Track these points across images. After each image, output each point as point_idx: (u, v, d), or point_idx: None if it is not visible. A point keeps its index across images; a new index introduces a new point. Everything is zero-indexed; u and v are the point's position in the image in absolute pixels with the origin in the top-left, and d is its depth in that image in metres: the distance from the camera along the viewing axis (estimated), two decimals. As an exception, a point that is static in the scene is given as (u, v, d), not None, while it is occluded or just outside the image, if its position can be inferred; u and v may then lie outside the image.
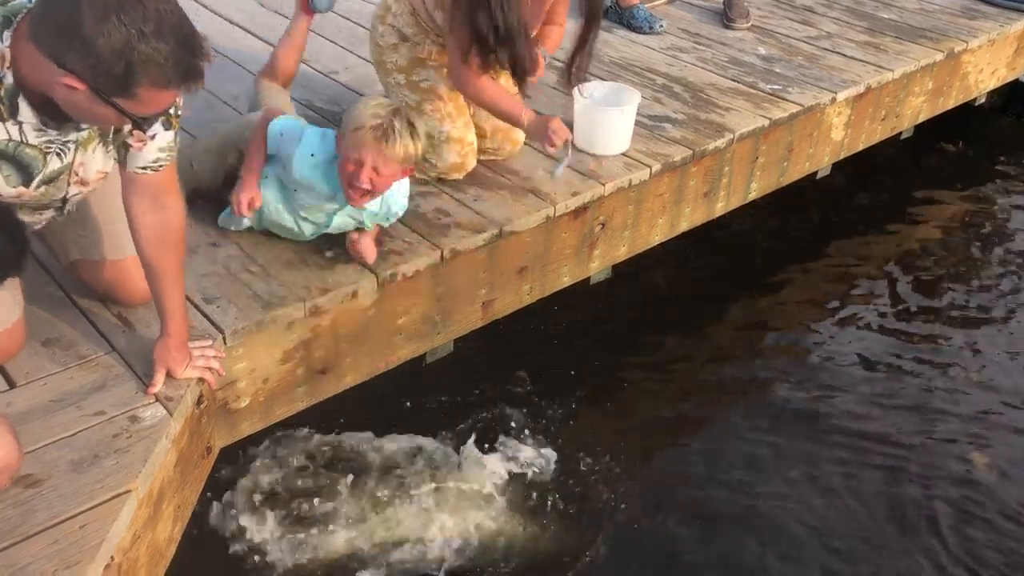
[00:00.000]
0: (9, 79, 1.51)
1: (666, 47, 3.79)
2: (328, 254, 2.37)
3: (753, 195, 3.38)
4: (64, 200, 1.84)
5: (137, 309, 2.10)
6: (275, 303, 2.17)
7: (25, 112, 1.56)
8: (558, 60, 2.91)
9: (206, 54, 1.48)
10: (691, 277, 3.51)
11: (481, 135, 2.81)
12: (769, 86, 3.45)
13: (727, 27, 3.99)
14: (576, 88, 2.93)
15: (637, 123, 2.98)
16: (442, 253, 2.43)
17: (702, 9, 4.23)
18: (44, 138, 1.61)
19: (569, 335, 3.14)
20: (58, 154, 1.65)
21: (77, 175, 1.76)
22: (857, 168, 3.98)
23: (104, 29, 1.35)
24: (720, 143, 3.06)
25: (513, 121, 2.66)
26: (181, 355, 1.92)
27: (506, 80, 2.70)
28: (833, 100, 3.41)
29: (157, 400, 1.87)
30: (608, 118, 2.90)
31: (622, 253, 2.99)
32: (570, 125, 2.95)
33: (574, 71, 2.76)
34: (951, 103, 4.16)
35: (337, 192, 2.23)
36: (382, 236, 2.44)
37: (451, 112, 2.72)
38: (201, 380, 1.95)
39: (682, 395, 2.99)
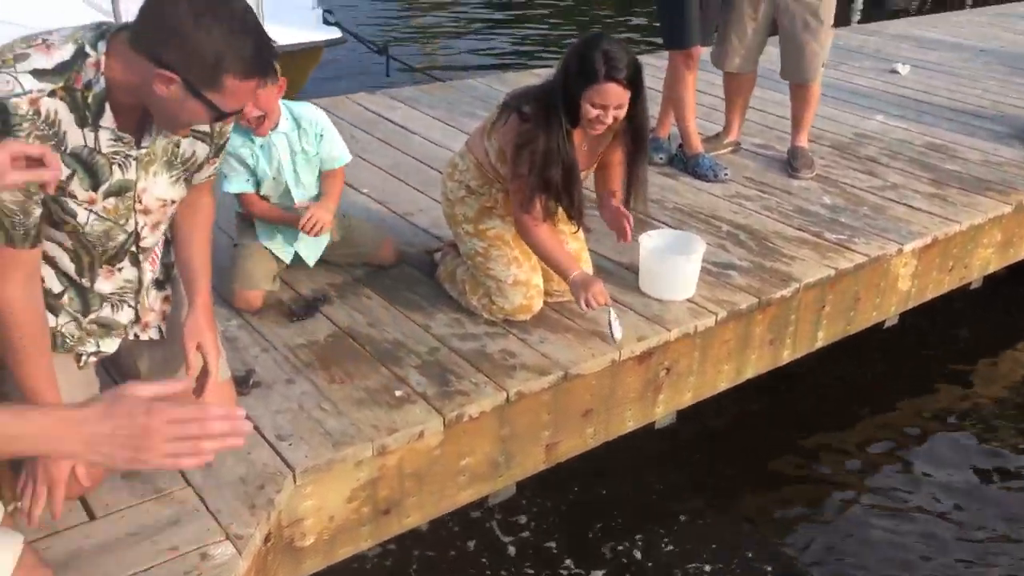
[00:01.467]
0: (100, 85, 1.66)
1: (731, 195, 3.87)
2: (398, 393, 2.42)
3: (820, 343, 3.37)
4: (137, 240, 1.92)
5: (213, 443, 2.16)
6: (345, 442, 2.22)
7: (107, 118, 1.70)
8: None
9: (277, 54, 1.70)
10: (756, 424, 3.47)
11: (548, 277, 2.89)
12: (835, 235, 3.48)
13: (792, 176, 4.07)
14: (643, 235, 3.02)
15: (703, 269, 3.03)
16: (507, 395, 2.47)
17: (766, 157, 4.33)
18: (113, 148, 1.75)
19: (632, 479, 3.11)
20: (120, 166, 1.78)
21: (141, 202, 1.87)
22: (925, 318, 3.94)
23: (199, 24, 1.54)
24: (786, 292, 3.08)
25: (562, 274, 2.75)
26: (212, 329, 2.05)
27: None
28: (900, 251, 3.43)
29: (227, 538, 1.90)
30: (674, 265, 2.96)
31: (687, 399, 2.99)
32: (636, 270, 3.04)
33: (632, 204, 2.84)
34: (1022, 254, 4.14)
35: (249, 137, 2.72)
36: (447, 375, 2.49)
37: (517, 256, 2.81)
38: (269, 517, 1.99)
39: (745, 541, 2.92)
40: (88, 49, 1.65)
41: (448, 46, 9.86)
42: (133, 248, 1.94)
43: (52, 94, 1.62)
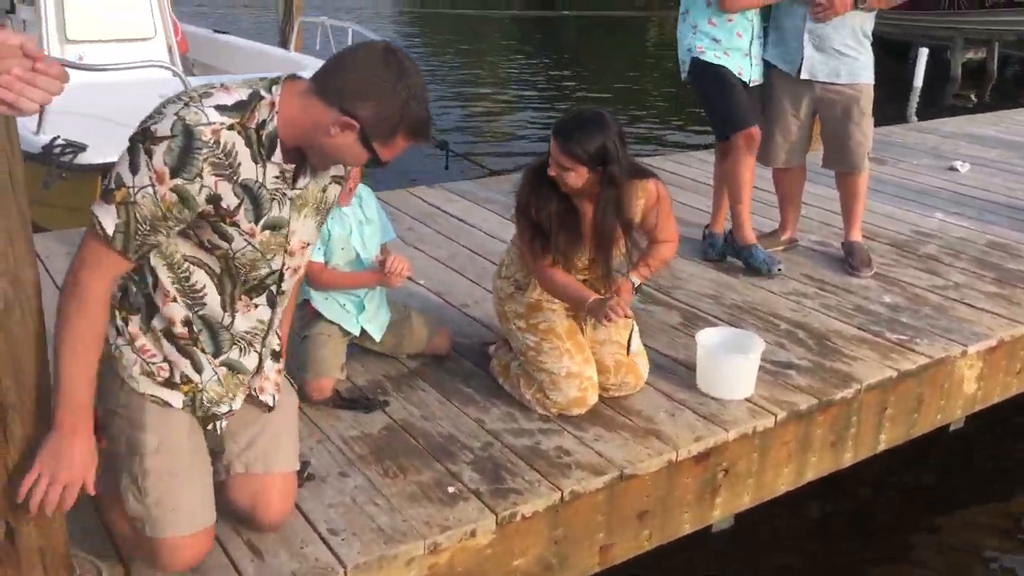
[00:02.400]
0: (273, 124, 1.81)
1: (788, 291, 3.84)
2: (451, 489, 2.40)
3: (882, 446, 3.28)
4: (280, 278, 2.01)
5: (267, 537, 2.16)
6: (397, 539, 2.19)
7: (277, 155, 1.84)
8: (678, 300, 2.99)
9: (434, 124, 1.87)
10: (816, 529, 3.36)
11: (603, 371, 2.87)
12: (896, 336, 3.42)
13: (850, 275, 4.03)
14: (700, 332, 3.00)
15: (761, 368, 2.99)
16: (562, 494, 2.43)
17: (822, 254, 4.30)
18: (275, 185, 1.87)
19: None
20: (279, 202, 1.90)
21: (289, 243, 1.97)
22: (993, 422, 3.82)
23: (397, 88, 1.76)
24: (847, 393, 3.02)
25: (578, 304, 2.79)
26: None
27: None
28: (964, 353, 3.35)
29: (277, 635, 1.88)
30: (732, 364, 2.92)
31: (746, 501, 2.92)
32: (694, 368, 3.01)
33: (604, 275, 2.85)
34: (1092, 356, 4.01)
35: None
36: (500, 471, 2.47)
37: (570, 348, 2.81)
38: None
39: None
40: (263, 92, 1.82)
41: (505, 142, 10.08)
42: (273, 287, 2.03)
43: (231, 128, 1.78)
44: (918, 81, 13.16)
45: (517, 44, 18.71)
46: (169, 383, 1.98)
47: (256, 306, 2.02)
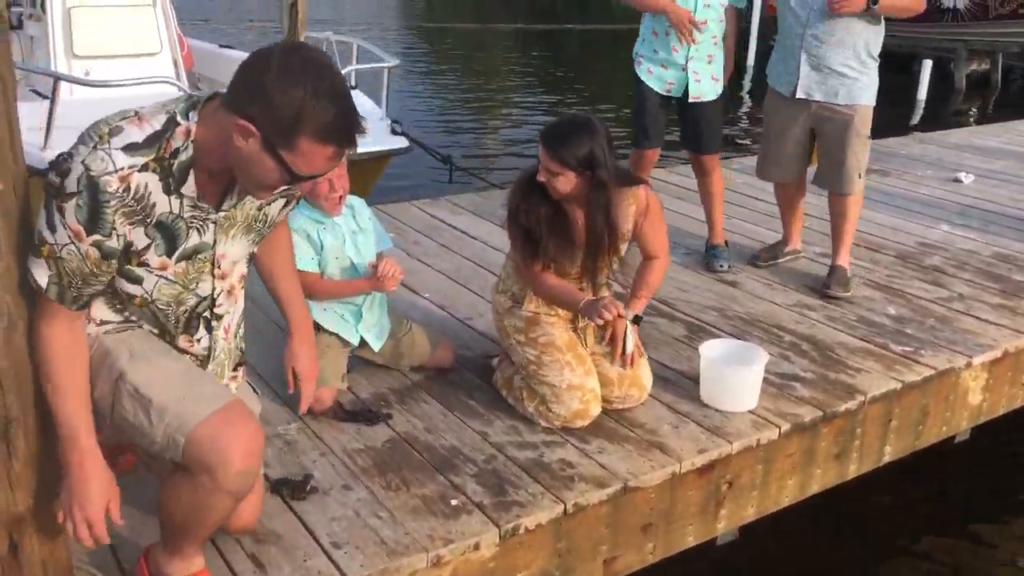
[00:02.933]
0: (188, 152, 1.73)
1: (793, 303, 3.84)
2: (454, 502, 2.40)
3: (887, 458, 3.26)
4: (212, 305, 1.96)
5: (269, 549, 2.16)
6: (400, 552, 2.19)
7: (189, 186, 1.76)
8: (682, 312, 2.98)
9: (363, 128, 1.70)
10: (820, 542, 3.35)
11: (607, 384, 2.87)
12: (901, 347, 3.41)
13: (823, 294, 3.90)
14: (703, 344, 3.00)
15: (765, 380, 2.98)
16: (565, 507, 2.43)
17: (827, 266, 4.28)
18: (191, 213, 1.81)
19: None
20: (198, 230, 1.84)
21: (219, 267, 1.92)
22: (999, 432, 3.80)
23: (284, 85, 1.60)
24: (852, 405, 3.01)
25: (571, 306, 2.81)
26: (310, 351, 2.35)
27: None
28: (969, 364, 3.34)
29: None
30: (736, 376, 2.92)
31: (750, 514, 2.91)
32: (697, 381, 3.00)
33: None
34: (1098, 368, 4.00)
35: (314, 217, 2.82)
36: (504, 485, 2.46)
37: (570, 361, 2.80)
38: None
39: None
40: (179, 118, 1.73)
41: (509, 155, 10.11)
42: (207, 314, 1.98)
43: (144, 168, 1.70)
44: (922, 93, 13.17)
45: (521, 57, 18.77)
46: (127, 321, 1.95)
47: (198, 340, 2.00)
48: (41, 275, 1.69)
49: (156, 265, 1.82)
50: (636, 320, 2.91)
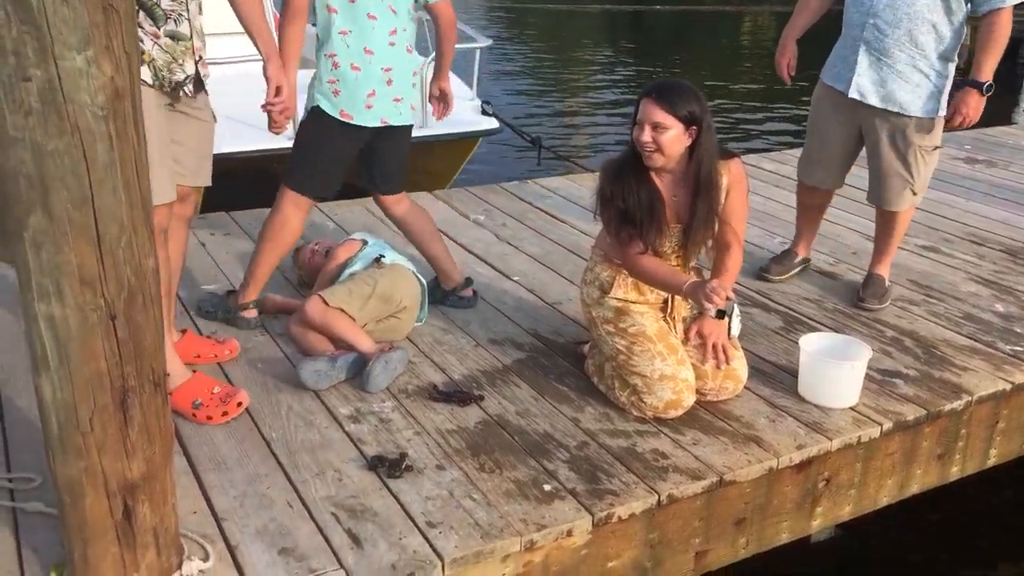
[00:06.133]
0: None
1: (894, 297, 3.70)
2: (547, 487, 2.39)
3: (992, 461, 3.14)
4: None
5: (367, 526, 2.19)
6: (494, 534, 2.19)
7: None
8: (778, 303, 2.88)
9: None
10: (917, 544, 3.25)
11: (701, 376, 2.82)
12: (1009, 347, 3.27)
13: (857, 306, 3.57)
14: (803, 337, 2.92)
15: (866, 376, 2.89)
16: (659, 498, 2.40)
17: (931, 260, 4.13)
18: None
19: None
20: None
21: None
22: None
23: None
24: (957, 405, 2.90)
25: (674, 288, 2.75)
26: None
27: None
28: (1085, 367, 3.18)
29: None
30: (837, 371, 2.83)
31: (846, 512, 2.83)
32: (796, 374, 2.93)
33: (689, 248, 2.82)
34: None
35: None
36: (597, 472, 2.45)
37: (662, 351, 2.76)
38: None
39: None
40: None
41: (598, 138, 10.03)
42: None
43: None
44: (1028, 80, 12.60)
45: (609, 39, 18.58)
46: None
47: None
48: None
49: None
50: (720, 315, 2.79)
